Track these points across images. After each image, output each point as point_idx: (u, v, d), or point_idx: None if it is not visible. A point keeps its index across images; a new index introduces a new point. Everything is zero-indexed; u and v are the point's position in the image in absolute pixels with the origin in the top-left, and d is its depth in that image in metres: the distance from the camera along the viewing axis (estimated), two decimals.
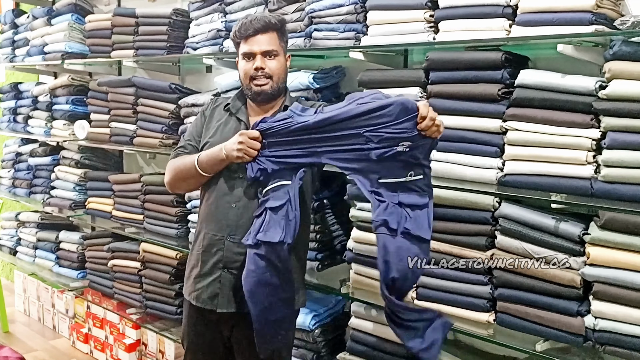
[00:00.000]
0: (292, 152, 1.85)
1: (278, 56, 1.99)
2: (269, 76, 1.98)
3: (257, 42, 1.97)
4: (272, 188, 1.87)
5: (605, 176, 1.81)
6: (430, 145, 1.77)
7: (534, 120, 1.94)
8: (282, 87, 2.04)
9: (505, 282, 2.02)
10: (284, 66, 2.03)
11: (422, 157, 1.76)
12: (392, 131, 1.73)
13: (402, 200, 1.76)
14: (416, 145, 1.73)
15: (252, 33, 1.97)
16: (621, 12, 1.92)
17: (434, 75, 2.19)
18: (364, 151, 1.77)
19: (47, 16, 4.08)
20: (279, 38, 2.00)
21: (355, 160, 1.80)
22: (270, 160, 1.86)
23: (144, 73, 3.73)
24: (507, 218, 2.02)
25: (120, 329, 3.68)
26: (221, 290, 2.00)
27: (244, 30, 1.99)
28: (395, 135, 1.72)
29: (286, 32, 2.07)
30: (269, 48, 1.97)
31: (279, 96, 2.05)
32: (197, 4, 3.14)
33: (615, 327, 1.81)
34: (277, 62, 1.99)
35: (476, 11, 2.08)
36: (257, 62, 1.97)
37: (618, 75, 1.78)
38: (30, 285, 4.54)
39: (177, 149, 2.17)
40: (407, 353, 2.33)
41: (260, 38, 1.97)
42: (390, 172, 1.77)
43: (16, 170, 4.57)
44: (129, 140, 3.50)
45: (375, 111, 1.74)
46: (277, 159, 1.86)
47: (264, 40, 1.97)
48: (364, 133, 1.75)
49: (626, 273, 1.78)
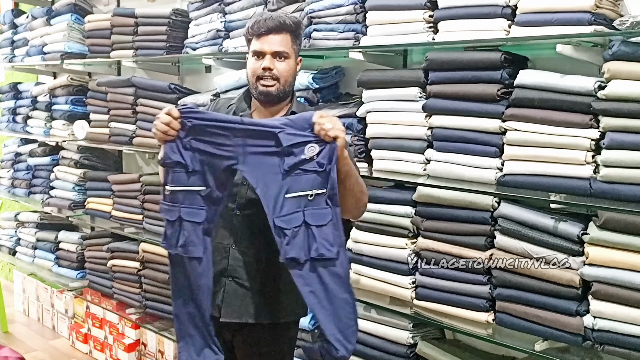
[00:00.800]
0: (211, 149, 1.75)
1: (288, 59, 1.91)
2: (277, 78, 1.91)
3: (269, 41, 1.90)
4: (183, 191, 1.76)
5: (604, 176, 1.82)
6: (332, 151, 1.71)
7: (533, 121, 1.95)
8: (288, 90, 1.96)
9: (505, 281, 2.02)
10: (293, 69, 1.95)
11: (326, 162, 1.71)
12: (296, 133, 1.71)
13: (307, 220, 1.71)
14: (320, 150, 1.70)
15: (264, 32, 1.90)
16: (620, 12, 1.93)
17: (433, 75, 2.19)
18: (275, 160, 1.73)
19: (47, 16, 4.08)
20: (292, 40, 1.92)
21: (268, 173, 1.73)
22: (187, 148, 1.74)
23: (143, 73, 3.73)
24: (506, 218, 2.02)
25: (120, 329, 3.68)
26: (225, 300, 1.94)
27: (257, 28, 1.92)
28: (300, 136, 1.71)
29: (301, 35, 1.99)
30: (280, 49, 1.90)
31: (285, 99, 1.98)
32: (196, 4, 3.14)
33: (614, 327, 1.81)
34: (286, 64, 1.91)
35: (475, 11, 2.08)
36: (266, 62, 1.90)
37: (617, 76, 1.79)
38: (29, 285, 4.54)
39: None
40: (407, 353, 2.34)
41: (272, 38, 1.90)
42: (296, 185, 1.72)
43: (15, 170, 4.57)
44: (128, 141, 3.50)
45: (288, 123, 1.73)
46: (194, 151, 1.74)
47: (276, 41, 1.90)
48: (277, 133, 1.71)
49: (625, 273, 1.78)
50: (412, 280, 2.27)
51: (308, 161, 1.70)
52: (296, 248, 1.70)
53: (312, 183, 1.70)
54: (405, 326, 2.35)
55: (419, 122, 2.24)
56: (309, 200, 1.71)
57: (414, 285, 2.27)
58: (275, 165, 1.72)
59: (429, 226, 2.21)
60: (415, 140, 2.26)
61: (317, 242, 1.70)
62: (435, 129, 2.20)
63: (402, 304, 2.31)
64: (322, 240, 1.70)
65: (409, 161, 2.28)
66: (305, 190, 1.71)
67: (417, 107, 2.24)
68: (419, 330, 2.37)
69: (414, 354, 2.34)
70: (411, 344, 2.34)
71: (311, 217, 1.71)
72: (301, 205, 1.71)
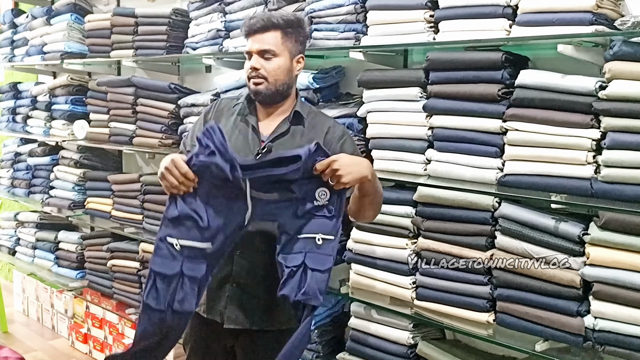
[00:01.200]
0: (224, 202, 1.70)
1: (277, 57, 1.89)
2: (264, 77, 1.90)
3: (256, 40, 1.90)
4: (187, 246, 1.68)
5: (605, 176, 1.81)
6: (341, 200, 1.72)
7: (534, 121, 1.94)
8: (282, 89, 1.92)
9: (505, 282, 2.02)
10: (285, 68, 1.91)
11: (334, 210, 1.71)
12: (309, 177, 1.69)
13: (308, 262, 1.70)
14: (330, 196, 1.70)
15: (252, 31, 1.91)
16: (621, 12, 1.92)
17: (433, 75, 2.19)
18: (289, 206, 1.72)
19: (46, 16, 4.07)
20: (283, 38, 1.89)
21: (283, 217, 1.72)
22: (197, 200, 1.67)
23: (143, 73, 3.73)
24: (506, 218, 2.02)
25: (120, 329, 3.67)
26: (229, 306, 1.93)
27: (246, 28, 1.94)
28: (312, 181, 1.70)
29: (298, 32, 1.93)
30: (265, 47, 1.88)
31: (282, 99, 1.95)
32: (196, 3, 3.14)
33: (615, 327, 1.81)
34: (274, 62, 1.89)
35: (476, 11, 2.08)
36: (252, 61, 1.91)
37: (618, 76, 1.78)
38: (29, 285, 4.53)
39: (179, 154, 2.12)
40: (408, 353, 2.34)
41: (258, 37, 1.90)
42: (308, 227, 1.71)
43: (15, 170, 4.56)
44: (128, 140, 3.50)
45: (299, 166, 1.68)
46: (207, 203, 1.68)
47: (262, 40, 1.89)
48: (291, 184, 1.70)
49: (626, 273, 1.78)
50: (413, 280, 2.27)
51: (321, 207, 1.71)
52: (289, 287, 1.70)
53: (322, 227, 1.70)
54: (405, 326, 2.35)
55: (420, 122, 2.24)
56: (316, 243, 1.70)
57: (415, 286, 2.27)
58: (290, 211, 1.72)
59: (429, 226, 2.21)
60: (416, 140, 2.26)
61: (309, 286, 1.69)
62: (435, 129, 2.20)
63: (402, 304, 2.31)
64: (313, 285, 1.69)
65: (409, 161, 2.28)
66: (315, 233, 1.70)
67: (417, 107, 2.24)
68: (420, 330, 2.36)
69: (414, 354, 2.34)
70: (411, 344, 2.33)
71: (312, 261, 1.71)
72: (306, 248, 1.70)
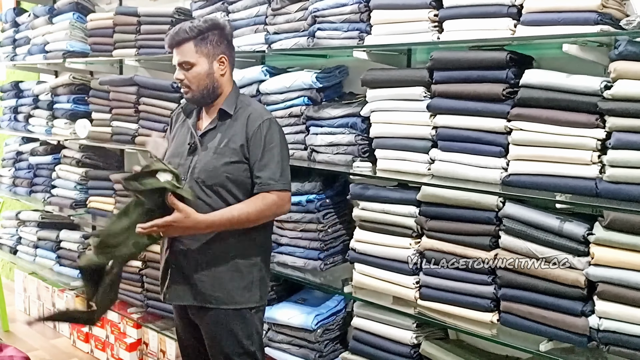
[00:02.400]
0: None
1: (194, 66, 2.10)
2: (187, 86, 2.14)
3: (176, 54, 2.14)
4: None
5: (610, 176, 1.81)
6: None
7: (539, 120, 1.94)
8: (207, 92, 2.14)
9: (509, 282, 2.02)
10: (204, 73, 2.12)
11: None
12: None
13: None
14: None
15: (170, 46, 2.15)
16: (626, 12, 1.92)
17: (438, 74, 2.18)
18: None
19: (49, 15, 4.07)
20: (197, 46, 2.10)
21: None
22: None
23: (145, 72, 3.73)
24: (511, 218, 2.01)
25: (121, 328, 3.67)
26: (169, 285, 2.20)
27: (166, 43, 2.17)
28: None
29: (214, 35, 2.12)
30: (182, 60, 2.12)
31: (214, 98, 2.17)
32: (199, 2, 3.13)
33: (620, 328, 1.80)
34: (192, 72, 2.11)
35: (481, 11, 2.07)
36: (176, 73, 2.15)
37: (623, 75, 1.78)
38: (30, 284, 4.53)
39: None
40: (411, 353, 2.33)
41: (176, 51, 2.13)
42: None
43: (17, 169, 4.56)
44: (130, 140, 3.50)
45: None
46: None
47: (180, 53, 2.12)
48: None
49: (631, 273, 1.78)
50: (416, 280, 2.27)
51: None
52: None
53: None
54: (409, 326, 2.35)
55: (424, 122, 2.23)
56: None
57: (418, 285, 2.26)
58: None
59: (433, 226, 2.21)
60: (420, 140, 2.26)
61: None
62: (439, 129, 2.19)
63: (405, 304, 2.31)
64: None
65: (413, 161, 2.27)
66: None
67: (421, 106, 2.23)
68: (423, 330, 2.36)
69: (418, 354, 2.34)
70: (415, 344, 2.33)
71: None
72: None
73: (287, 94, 2.70)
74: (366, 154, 2.45)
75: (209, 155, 2.13)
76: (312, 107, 2.62)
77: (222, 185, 2.10)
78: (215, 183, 2.10)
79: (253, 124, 2.12)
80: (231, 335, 2.16)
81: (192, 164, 2.15)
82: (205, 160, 2.13)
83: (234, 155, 2.11)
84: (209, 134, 2.17)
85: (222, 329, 2.16)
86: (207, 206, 2.10)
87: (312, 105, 2.63)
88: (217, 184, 2.10)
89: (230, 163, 2.10)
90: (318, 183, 2.60)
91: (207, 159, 2.13)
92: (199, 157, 2.15)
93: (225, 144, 2.12)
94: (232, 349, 2.16)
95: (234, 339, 2.16)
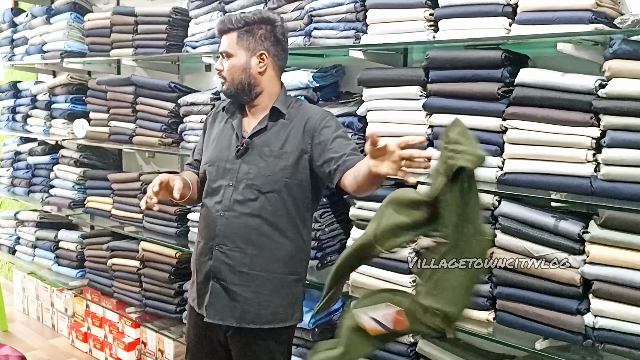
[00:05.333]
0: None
1: (233, 57, 1.97)
2: (224, 77, 2.00)
3: (220, 43, 2.02)
4: None
5: (605, 175, 1.81)
6: None
7: (534, 119, 1.95)
8: (242, 87, 1.98)
9: (505, 280, 2.02)
10: (239, 66, 1.96)
11: None
12: None
13: None
14: None
15: (218, 35, 2.04)
16: (621, 10, 1.92)
17: (433, 73, 2.19)
18: None
19: (46, 15, 4.07)
20: (239, 37, 1.97)
21: None
22: None
23: (143, 72, 3.73)
24: (506, 217, 2.02)
25: (120, 327, 3.68)
26: (210, 301, 1.99)
27: (215, 31, 2.07)
28: None
29: (260, 29, 1.97)
30: (224, 49, 1.99)
31: (253, 96, 2.00)
32: (196, 2, 3.13)
33: (615, 326, 1.81)
34: (229, 63, 1.98)
35: (476, 10, 2.08)
36: (217, 63, 2.04)
37: (618, 74, 1.79)
38: (29, 284, 4.54)
39: (187, 164, 2.26)
40: (408, 352, 2.34)
41: (221, 40, 2.02)
42: None
43: (15, 169, 4.56)
44: (128, 139, 3.50)
45: None
46: None
47: (223, 42, 2.00)
48: None
49: (626, 271, 1.79)
50: (413, 279, 2.27)
51: None
52: None
53: None
54: None
55: (420, 121, 2.24)
56: None
57: (415, 284, 2.27)
58: None
59: None
60: None
61: None
62: (435, 128, 2.20)
63: None
64: None
65: None
66: None
67: (417, 105, 2.24)
68: None
69: (415, 352, 2.34)
70: (411, 342, 2.34)
71: None
72: None
73: None
74: (362, 153, 2.45)
75: (264, 160, 1.95)
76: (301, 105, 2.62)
77: (279, 192, 1.93)
78: (272, 189, 1.93)
79: (315, 117, 1.96)
80: (267, 355, 1.99)
81: (243, 169, 1.96)
82: (260, 165, 1.94)
83: (292, 157, 1.94)
84: (260, 136, 1.98)
85: (259, 348, 1.98)
86: (261, 216, 1.93)
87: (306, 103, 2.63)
88: (275, 190, 1.93)
89: (290, 166, 1.93)
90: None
91: (263, 163, 1.94)
92: (250, 160, 1.96)
93: (281, 146, 1.95)
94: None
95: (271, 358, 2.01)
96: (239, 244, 1.94)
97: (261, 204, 1.93)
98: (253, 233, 1.92)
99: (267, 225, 1.94)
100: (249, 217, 1.93)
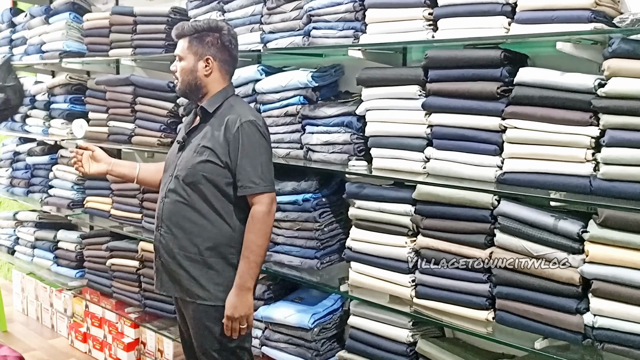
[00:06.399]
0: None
1: (182, 60, 2.23)
2: (177, 77, 2.27)
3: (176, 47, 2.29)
4: None
5: (604, 174, 1.81)
6: None
7: (533, 118, 1.94)
8: (189, 88, 2.24)
9: (505, 280, 2.02)
10: (187, 69, 2.22)
11: None
12: None
13: None
14: None
15: (175, 39, 2.30)
16: (620, 9, 1.92)
17: (432, 73, 2.18)
18: None
19: (45, 15, 4.07)
20: (189, 43, 2.22)
21: None
22: None
23: (142, 72, 3.73)
24: (506, 216, 2.02)
25: (119, 328, 3.68)
26: (157, 275, 2.30)
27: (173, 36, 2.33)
28: None
29: (208, 36, 2.22)
30: (177, 53, 2.26)
31: (200, 96, 2.26)
32: (195, 2, 3.13)
33: (615, 325, 1.80)
34: (181, 65, 2.24)
35: (475, 9, 2.07)
36: (172, 65, 2.30)
37: (617, 73, 1.78)
38: (28, 284, 4.53)
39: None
40: (407, 352, 2.34)
41: (177, 43, 2.28)
42: None
43: (14, 169, 4.56)
44: (127, 139, 3.50)
45: None
46: None
47: (177, 46, 2.27)
48: None
49: (625, 270, 1.78)
50: (412, 278, 2.27)
51: None
52: None
53: None
54: (405, 324, 2.35)
55: (419, 120, 2.23)
56: None
57: (414, 284, 2.27)
58: None
59: (428, 224, 2.21)
60: (415, 139, 2.26)
61: None
62: (434, 127, 2.19)
63: (401, 302, 2.31)
64: None
65: (408, 159, 2.27)
66: None
67: (416, 105, 2.23)
68: (419, 328, 2.36)
69: (414, 352, 2.34)
70: (411, 342, 2.33)
71: None
72: None
73: (282, 93, 2.70)
74: (362, 153, 2.45)
75: (189, 154, 2.21)
76: (307, 106, 2.62)
77: (199, 183, 2.16)
78: (193, 181, 2.17)
79: (231, 127, 2.15)
80: (207, 331, 2.20)
81: (179, 162, 2.23)
82: (187, 158, 2.21)
83: (208, 155, 2.16)
84: (194, 132, 2.26)
85: (199, 323, 2.21)
86: (187, 204, 2.19)
87: (308, 105, 2.63)
88: (195, 182, 2.17)
89: (205, 162, 2.16)
90: (314, 182, 2.60)
91: (188, 157, 2.20)
92: (183, 154, 2.24)
93: (202, 142, 2.18)
94: (210, 344, 2.21)
95: (210, 335, 2.20)
96: (170, 227, 2.21)
97: (187, 193, 2.19)
98: (180, 218, 2.19)
99: (193, 211, 2.18)
100: (177, 203, 2.20)
